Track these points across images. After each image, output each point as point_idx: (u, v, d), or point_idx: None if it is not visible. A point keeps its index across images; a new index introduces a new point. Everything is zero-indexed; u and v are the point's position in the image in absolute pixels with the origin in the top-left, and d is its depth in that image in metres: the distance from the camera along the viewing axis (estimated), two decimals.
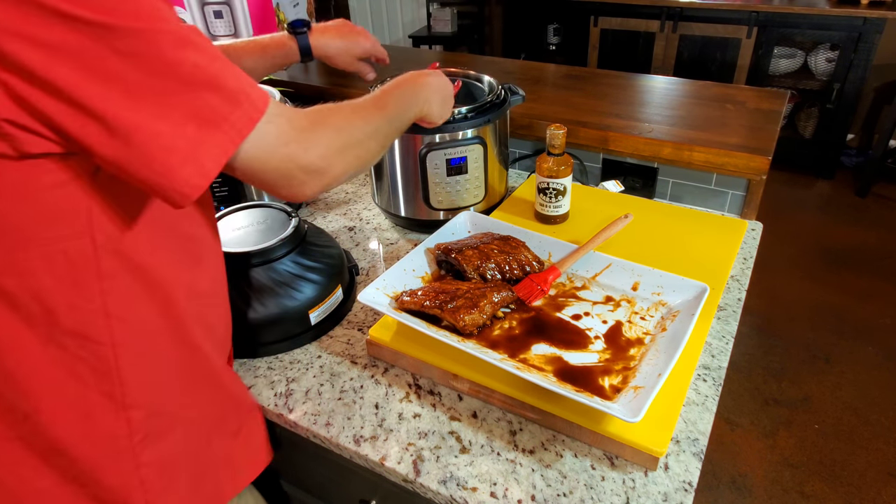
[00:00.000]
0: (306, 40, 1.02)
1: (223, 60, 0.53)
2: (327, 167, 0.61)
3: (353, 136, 0.65)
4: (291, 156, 0.58)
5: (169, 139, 0.50)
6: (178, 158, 0.50)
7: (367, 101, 0.72)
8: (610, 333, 0.85)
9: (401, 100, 0.77)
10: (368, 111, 0.70)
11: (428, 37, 4.34)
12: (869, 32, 3.07)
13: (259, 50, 1.00)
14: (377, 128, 0.70)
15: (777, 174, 3.50)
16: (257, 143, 0.55)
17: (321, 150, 0.60)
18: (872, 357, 2.32)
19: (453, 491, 0.72)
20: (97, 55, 0.46)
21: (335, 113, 0.65)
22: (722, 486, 1.87)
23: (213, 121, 0.51)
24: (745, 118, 1.31)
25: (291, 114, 0.59)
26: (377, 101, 0.73)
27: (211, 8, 1.62)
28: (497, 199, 1.23)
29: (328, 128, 0.62)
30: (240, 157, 0.55)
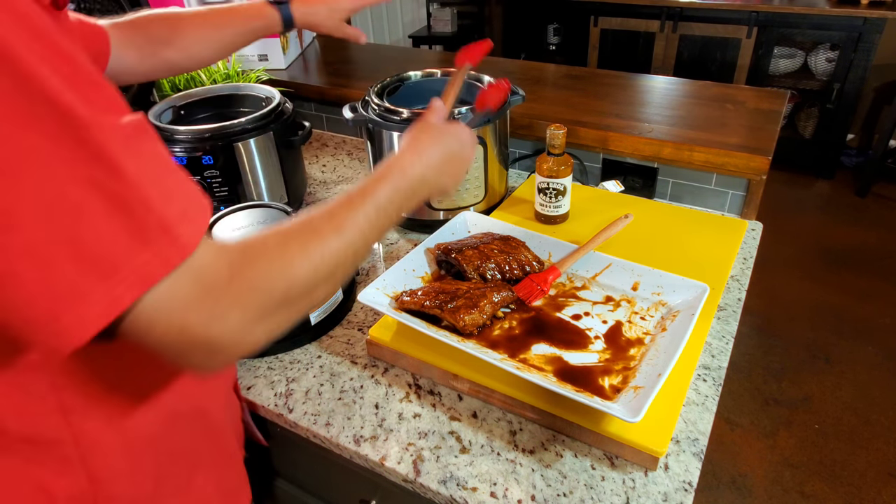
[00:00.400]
0: (288, 10, 0.94)
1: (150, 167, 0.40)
2: (239, 341, 0.44)
3: (292, 287, 0.47)
4: (187, 328, 0.41)
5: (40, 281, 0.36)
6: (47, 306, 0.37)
7: (329, 216, 0.53)
8: (610, 333, 0.85)
9: (378, 209, 0.57)
10: (325, 239, 0.51)
11: (428, 37, 4.34)
12: (869, 32, 3.07)
13: (229, 16, 0.92)
14: (334, 265, 0.51)
15: (777, 174, 3.50)
16: (154, 301, 0.40)
17: (233, 323, 0.43)
18: (872, 357, 2.32)
19: (453, 491, 0.72)
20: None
21: (271, 252, 0.47)
22: (722, 486, 1.87)
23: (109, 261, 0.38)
24: (745, 118, 1.31)
25: (209, 261, 0.43)
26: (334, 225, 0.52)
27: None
28: (497, 199, 1.23)
29: (254, 283, 0.45)
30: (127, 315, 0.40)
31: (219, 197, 1.15)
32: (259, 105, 1.21)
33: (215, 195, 1.15)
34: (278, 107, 1.19)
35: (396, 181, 0.61)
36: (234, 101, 1.29)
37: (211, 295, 0.42)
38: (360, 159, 1.56)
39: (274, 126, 1.16)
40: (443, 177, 0.68)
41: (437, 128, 0.70)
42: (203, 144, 1.09)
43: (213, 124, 1.11)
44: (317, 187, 1.43)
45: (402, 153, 0.65)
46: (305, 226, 0.51)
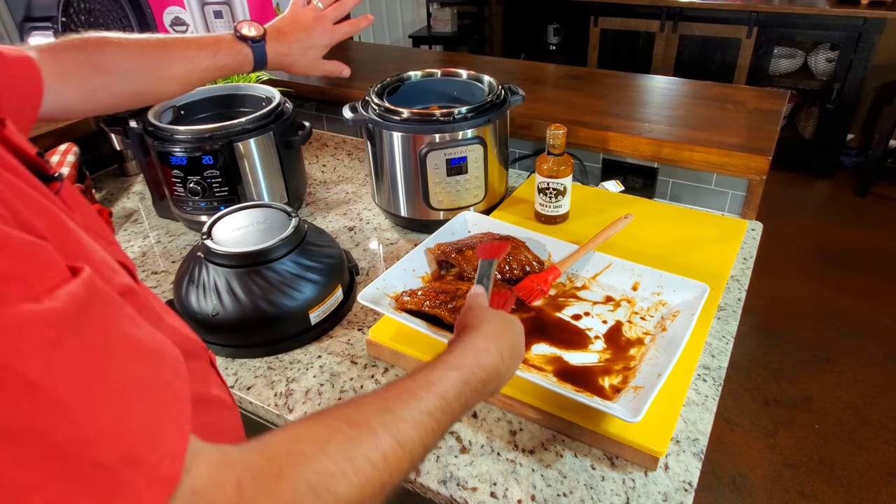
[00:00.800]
0: (262, 49, 0.86)
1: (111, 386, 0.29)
2: None
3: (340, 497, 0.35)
4: None
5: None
6: None
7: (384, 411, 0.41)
8: (610, 333, 0.85)
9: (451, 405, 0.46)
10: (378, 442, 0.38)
11: (428, 37, 4.34)
12: (869, 32, 3.07)
13: (198, 48, 0.81)
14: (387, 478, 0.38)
15: (777, 174, 3.50)
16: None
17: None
18: (872, 357, 2.32)
19: (453, 491, 0.72)
20: None
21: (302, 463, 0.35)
22: (722, 486, 1.87)
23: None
24: (745, 118, 1.31)
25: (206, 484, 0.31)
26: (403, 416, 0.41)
27: (211, 8, 1.62)
28: (497, 199, 1.23)
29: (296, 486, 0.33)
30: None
31: (219, 197, 1.15)
32: (259, 105, 1.21)
33: (215, 195, 1.15)
34: (278, 107, 1.19)
35: (469, 373, 0.50)
36: (234, 101, 1.29)
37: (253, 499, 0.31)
38: (360, 159, 1.56)
39: (274, 126, 1.16)
40: (511, 371, 0.59)
41: (502, 316, 0.62)
42: (203, 144, 1.10)
43: (213, 124, 1.11)
44: (317, 187, 1.43)
45: (476, 340, 0.56)
46: (353, 422, 0.38)
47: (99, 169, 1.53)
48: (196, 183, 1.13)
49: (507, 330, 0.60)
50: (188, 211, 1.19)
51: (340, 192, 1.40)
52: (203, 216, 1.18)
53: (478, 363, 0.52)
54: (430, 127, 1.07)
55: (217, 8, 1.62)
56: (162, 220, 1.31)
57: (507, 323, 0.62)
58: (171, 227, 1.28)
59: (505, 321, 0.62)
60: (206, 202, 1.16)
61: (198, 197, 1.15)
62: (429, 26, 4.42)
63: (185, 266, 0.95)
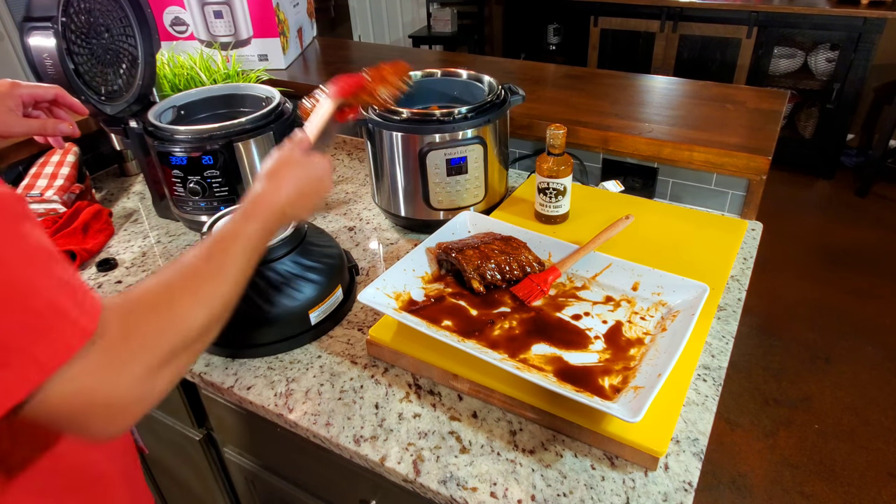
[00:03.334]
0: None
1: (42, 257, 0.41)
2: (141, 396, 0.46)
3: (188, 335, 0.50)
4: (89, 397, 0.42)
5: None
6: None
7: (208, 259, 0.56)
8: (610, 333, 0.85)
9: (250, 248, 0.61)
10: (212, 283, 0.54)
11: (428, 37, 4.35)
12: (869, 32, 3.07)
13: None
14: (223, 306, 0.55)
15: (777, 174, 3.50)
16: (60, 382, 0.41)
17: (132, 379, 0.44)
18: (872, 357, 2.32)
19: (453, 491, 0.72)
20: None
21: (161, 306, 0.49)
22: (722, 486, 1.87)
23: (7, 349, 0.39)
24: (745, 118, 1.31)
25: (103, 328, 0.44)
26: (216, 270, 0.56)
27: (211, 8, 1.62)
28: (497, 199, 1.23)
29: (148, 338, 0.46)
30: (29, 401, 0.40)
31: (219, 197, 1.15)
32: (259, 105, 1.21)
33: (215, 195, 1.15)
34: (278, 107, 1.19)
35: (261, 218, 0.63)
36: (234, 101, 1.29)
37: (108, 359, 0.43)
38: (359, 159, 1.56)
39: (274, 126, 1.16)
40: (298, 209, 0.70)
41: (295, 160, 0.71)
42: (203, 144, 1.10)
43: (213, 124, 1.11)
44: None
45: (263, 188, 0.67)
46: (190, 273, 0.53)
47: (99, 169, 1.53)
48: (196, 183, 1.13)
49: (297, 174, 0.69)
50: (188, 211, 1.19)
51: (340, 192, 1.40)
52: (203, 216, 1.18)
53: (266, 209, 0.64)
54: (430, 127, 1.07)
55: (217, 8, 1.62)
56: (162, 220, 1.31)
57: (299, 166, 0.70)
58: (171, 227, 1.28)
59: (298, 164, 0.70)
60: (206, 202, 1.16)
61: (198, 197, 1.15)
62: (429, 26, 4.42)
63: None
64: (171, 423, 1.15)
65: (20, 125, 0.83)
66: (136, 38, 1.20)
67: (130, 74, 1.20)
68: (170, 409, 1.13)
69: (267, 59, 1.73)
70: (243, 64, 1.67)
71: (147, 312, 0.48)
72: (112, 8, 1.15)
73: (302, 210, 0.71)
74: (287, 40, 1.76)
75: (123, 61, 1.18)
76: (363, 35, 4.10)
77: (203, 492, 1.25)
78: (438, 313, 0.89)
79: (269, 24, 1.67)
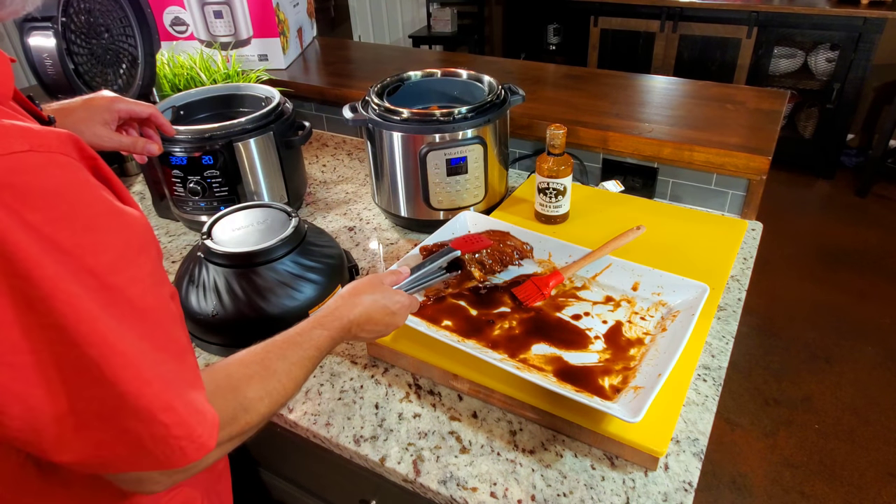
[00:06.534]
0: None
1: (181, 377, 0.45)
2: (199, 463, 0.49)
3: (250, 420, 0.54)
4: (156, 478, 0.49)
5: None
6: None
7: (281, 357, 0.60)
8: (610, 333, 0.85)
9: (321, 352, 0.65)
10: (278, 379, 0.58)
11: (428, 37, 4.35)
12: (869, 32, 3.07)
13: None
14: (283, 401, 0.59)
15: (777, 174, 3.50)
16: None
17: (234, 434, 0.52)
18: (872, 357, 2.32)
19: (453, 491, 0.72)
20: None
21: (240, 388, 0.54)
22: (722, 486, 1.87)
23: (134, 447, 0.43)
24: (745, 118, 1.31)
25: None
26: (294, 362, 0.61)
27: (211, 8, 1.62)
28: (497, 199, 1.23)
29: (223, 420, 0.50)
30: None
31: (219, 197, 1.15)
32: (259, 105, 1.21)
33: (215, 195, 1.15)
34: (278, 107, 1.19)
35: (330, 328, 0.67)
36: (234, 101, 1.29)
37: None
38: (360, 159, 1.56)
39: (274, 126, 1.16)
40: (363, 331, 0.72)
41: (378, 287, 0.74)
42: (203, 144, 1.10)
43: (213, 124, 1.11)
44: (317, 187, 1.43)
45: (341, 303, 0.71)
46: (264, 365, 0.58)
47: None
48: (196, 183, 1.13)
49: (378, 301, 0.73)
50: (188, 211, 1.19)
51: (340, 192, 1.40)
52: (203, 216, 1.18)
53: (339, 322, 0.68)
54: (430, 127, 1.07)
55: (217, 8, 1.62)
56: (162, 220, 1.31)
57: (384, 295, 0.74)
58: (171, 227, 1.28)
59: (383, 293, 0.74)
60: (206, 202, 1.16)
61: (198, 197, 1.15)
62: (429, 26, 4.42)
63: (185, 266, 0.95)
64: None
65: (112, 140, 0.85)
66: (136, 38, 1.20)
67: (130, 74, 1.20)
68: None
69: (267, 59, 1.73)
70: (243, 64, 1.67)
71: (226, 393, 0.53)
72: (112, 8, 1.15)
73: (366, 333, 0.73)
74: (287, 40, 1.76)
75: (123, 61, 1.18)
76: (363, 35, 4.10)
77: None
78: (438, 313, 0.89)
79: (269, 24, 1.67)
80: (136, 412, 0.42)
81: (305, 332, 0.65)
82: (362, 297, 0.72)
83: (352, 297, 0.72)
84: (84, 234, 0.40)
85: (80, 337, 0.39)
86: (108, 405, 0.41)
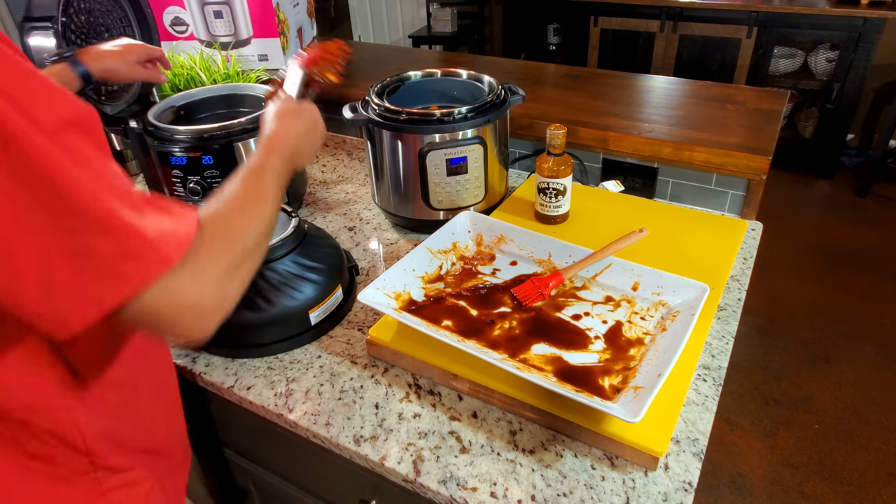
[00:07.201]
0: (84, 68, 0.97)
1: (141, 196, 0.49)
2: (220, 298, 0.54)
3: (247, 247, 0.58)
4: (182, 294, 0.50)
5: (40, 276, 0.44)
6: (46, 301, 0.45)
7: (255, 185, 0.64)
8: (610, 333, 0.85)
9: (278, 175, 0.69)
10: (261, 204, 0.63)
11: (428, 37, 4.35)
12: (869, 32, 3.07)
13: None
14: (269, 225, 0.63)
15: (777, 174, 3.50)
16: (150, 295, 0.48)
17: (211, 281, 0.52)
18: (872, 357, 2.32)
19: (453, 491, 0.72)
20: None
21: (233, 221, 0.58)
22: (722, 486, 1.87)
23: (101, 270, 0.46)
24: (745, 118, 1.31)
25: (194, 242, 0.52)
26: (258, 192, 0.64)
27: (211, 8, 1.62)
28: (497, 199, 1.23)
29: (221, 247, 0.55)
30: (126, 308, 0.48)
31: None
32: (259, 105, 1.21)
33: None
34: None
35: (280, 152, 0.71)
36: (234, 101, 1.29)
37: (193, 265, 0.51)
38: (359, 159, 1.56)
39: None
40: (307, 146, 0.79)
41: (292, 107, 0.81)
42: (203, 144, 1.09)
43: (213, 124, 1.11)
44: (317, 187, 1.43)
45: (275, 128, 0.75)
46: (233, 198, 0.61)
47: None
48: (196, 183, 1.13)
49: (300, 116, 0.80)
50: None
51: (340, 192, 1.40)
52: None
53: (284, 146, 0.73)
54: (430, 127, 1.07)
55: (217, 8, 1.62)
56: None
57: (298, 110, 0.81)
58: None
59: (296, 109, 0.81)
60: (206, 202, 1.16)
61: (198, 197, 1.15)
62: (429, 26, 4.42)
63: None
64: None
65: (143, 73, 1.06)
66: (136, 38, 1.20)
67: None
68: None
69: (267, 59, 1.73)
70: (243, 64, 1.67)
71: (222, 227, 0.56)
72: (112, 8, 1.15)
73: (309, 146, 0.79)
74: (287, 40, 1.76)
75: None
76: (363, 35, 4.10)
77: (203, 492, 1.25)
78: (438, 313, 0.89)
79: (269, 24, 1.67)
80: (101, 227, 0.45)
81: (262, 163, 0.69)
82: (288, 118, 0.78)
83: (280, 121, 0.77)
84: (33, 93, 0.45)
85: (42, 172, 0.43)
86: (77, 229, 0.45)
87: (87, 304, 0.46)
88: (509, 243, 1.04)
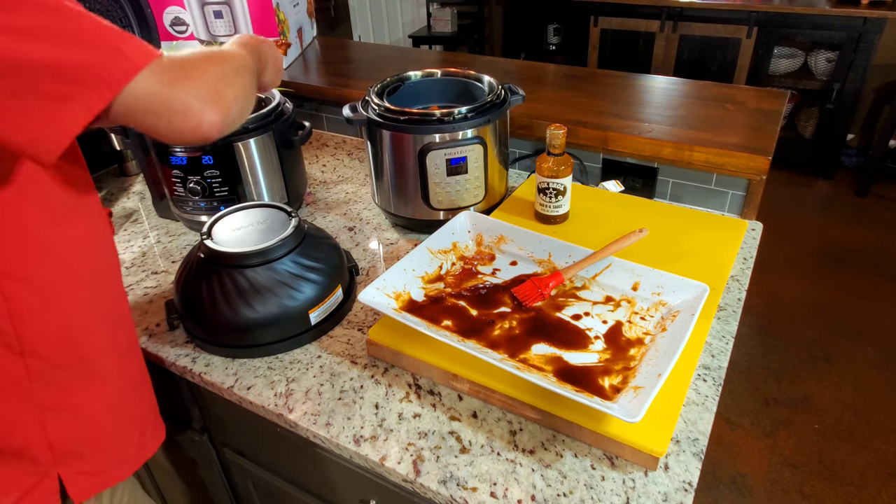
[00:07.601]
0: None
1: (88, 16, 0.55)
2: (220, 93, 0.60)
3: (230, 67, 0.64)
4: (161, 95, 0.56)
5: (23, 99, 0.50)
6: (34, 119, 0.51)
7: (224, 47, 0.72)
8: (610, 333, 0.85)
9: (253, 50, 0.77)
10: (233, 51, 0.70)
11: (428, 37, 4.35)
12: (869, 32, 3.07)
13: None
14: (245, 63, 0.70)
15: (777, 174, 3.50)
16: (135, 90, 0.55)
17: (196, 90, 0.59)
18: (872, 357, 2.32)
19: (453, 491, 0.72)
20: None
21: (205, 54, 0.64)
22: (722, 486, 1.87)
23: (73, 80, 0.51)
24: (745, 118, 1.31)
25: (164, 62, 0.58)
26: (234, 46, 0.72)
27: (211, 8, 1.62)
28: (497, 199, 1.23)
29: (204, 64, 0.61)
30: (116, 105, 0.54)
31: (219, 197, 1.15)
32: (259, 105, 1.21)
33: (215, 195, 1.15)
34: (278, 107, 1.19)
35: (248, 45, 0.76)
36: None
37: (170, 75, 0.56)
38: (360, 159, 1.56)
39: (274, 126, 1.16)
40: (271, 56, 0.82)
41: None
42: (203, 144, 1.09)
43: None
44: (317, 187, 1.43)
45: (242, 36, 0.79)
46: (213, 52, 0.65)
47: (99, 169, 1.53)
48: (196, 183, 1.13)
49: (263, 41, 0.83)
50: (188, 211, 1.19)
51: (340, 192, 1.40)
52: (203, 216, 1.18)
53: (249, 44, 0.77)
54: (430, 127, 1.07)
55: (217, 8, 1.62)
56: (162, 220, 1.31)
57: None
58: (171, 227, 1.28)
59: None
60: (206, 202, 1.16)
61: (198, 197, 1.15)
62: (429, 26, 4.42)
63: (185, 266, 0.95)
64: (172, 423, 1.15)
65: None
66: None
67: None
68: (170, 408, 1.13)
69: None
70: None
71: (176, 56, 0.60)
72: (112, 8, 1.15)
73: (273, 60, 0.82)
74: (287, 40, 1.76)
75: None
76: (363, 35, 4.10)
77: (203, 492, 1.25)
78: (438, 313, 0.89)
79: (269, 24, 1.67)
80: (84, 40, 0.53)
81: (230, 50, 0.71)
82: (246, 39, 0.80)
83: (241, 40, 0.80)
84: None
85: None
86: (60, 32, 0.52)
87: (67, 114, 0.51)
88: (509, 243, 1.04)
